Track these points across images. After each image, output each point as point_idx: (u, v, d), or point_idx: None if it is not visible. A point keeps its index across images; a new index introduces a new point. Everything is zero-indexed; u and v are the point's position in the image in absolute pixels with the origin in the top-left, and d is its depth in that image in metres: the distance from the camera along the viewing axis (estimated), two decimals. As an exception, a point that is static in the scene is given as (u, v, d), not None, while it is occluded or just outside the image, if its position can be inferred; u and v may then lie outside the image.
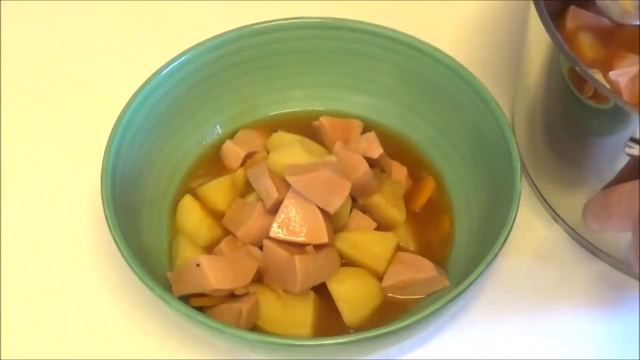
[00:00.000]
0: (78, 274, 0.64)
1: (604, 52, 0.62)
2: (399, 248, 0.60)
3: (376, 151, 0.60)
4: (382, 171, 0.62)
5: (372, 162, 0.60)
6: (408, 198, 0.63)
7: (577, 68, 0.53)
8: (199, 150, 0.66)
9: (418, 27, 0.67)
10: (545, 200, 0.66)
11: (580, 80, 0.53)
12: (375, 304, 0.58)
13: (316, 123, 0.65)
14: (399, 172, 0.63)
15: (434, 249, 0.61)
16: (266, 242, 0.57)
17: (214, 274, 0.54)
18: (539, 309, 0.62)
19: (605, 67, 0.60)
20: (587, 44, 0.63)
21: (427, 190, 0.63)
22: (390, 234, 0.60)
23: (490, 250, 0.54)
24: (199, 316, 0.52)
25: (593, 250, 0.64)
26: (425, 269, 0.58)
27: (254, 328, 0.57)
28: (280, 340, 0.52)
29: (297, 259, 0.55)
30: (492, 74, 0.69)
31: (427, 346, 0.61)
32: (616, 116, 0.52)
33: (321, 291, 0.57)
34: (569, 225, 0.64)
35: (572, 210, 0.63)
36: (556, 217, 0.65)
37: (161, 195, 0.63)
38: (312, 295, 0.57)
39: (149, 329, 0.61)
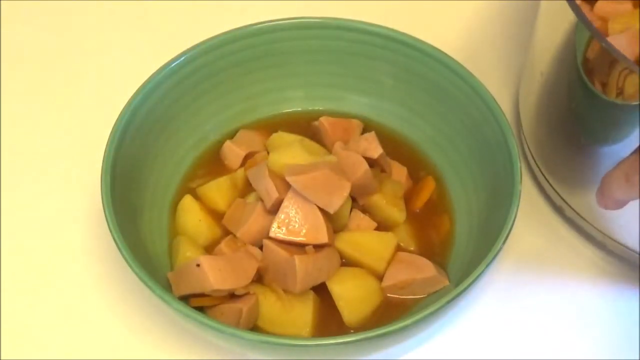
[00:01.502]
0: (78, 274, 0.64)
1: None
2: (399, 248, 0.60)
3: (376, 151, 0.60)
4: (382, 171, 0.62)
5: (372, 162, 0.60)
6: (408, 198, 0.63)
7: (602, 44, 0.51)
8: (199, 150, 0.66)
9: (418, 27, 0.67)
10: (554, 190, 0.65)
11: (595, 66, 0.53)
12: (375, 304, 0.58)
13: (316, 123, 0.65)
14: (399, 172, 0.63)
15: (434, 249, 0.61)
16: (266, 242, 0.57)
17: (214, 274, 0.54)
18: (539, 309, 0.62)
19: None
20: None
21: (427, 190, 0.63)
22: (390, 234, 0.60)
23: (491, 250, 0.54)
24: (199, 316, 0.52)
25: (598, 244, 0.64)
26: (425, 268, 0.58)
27: (254, 328, 0.57)
28: (280, 340, 0.52)
29: (297, 259, 0.55)
30: (493, 71, 0.69)
31: (427, 346, 0.61)
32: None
33: (321, 291, 0.57)
34: (577, 213, 0.63)
35: (583, 198, 0.62)
36: (563, 203, 0.64)
37: (161, 195, 0.63)
38: (312, 295, 0.57)
39: (149, 329, 0.61)
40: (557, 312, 0.62)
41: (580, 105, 0.58)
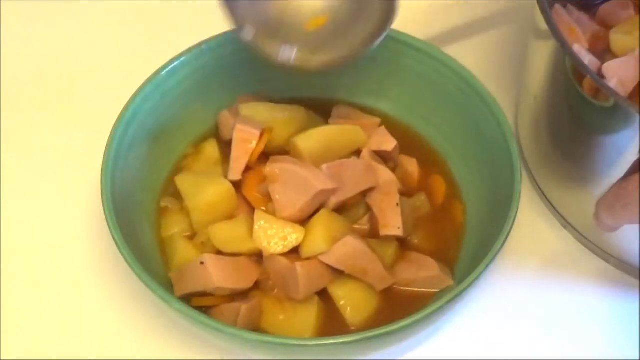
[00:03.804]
0: (78, 274, 0.64)
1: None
2: (410, 247, 0.60)
3: (391, 143, 0.60)
4: (394, 166, 0.62)
5: (386, 157, 0.60)
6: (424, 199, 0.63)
7: (587, 75, 0.52)
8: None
9: (418, 28, 0.67)
10: (552, 205, 0.65)
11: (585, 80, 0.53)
12: (377, 303, 0.58)
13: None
14: (409, 163, 0.63)
15: (447, 248, 0.61)
16: (267, 250, 0.57)
17: (217, 273, 0.54)
18: (539, 309, 0.62)
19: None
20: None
21: (440, 192, 0.63)
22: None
23: (491, 250, 0.54)
24: (200, 316, 0.52)
25: (599, 252, 0.64)
26: (428, 267, 0.58)
27: (257, 332, 0.57)
28: (280, 340, 0.52)
29: (299, 265, 0.55)
30: (495, 77, 0.69)
31: (427, 346, 0.61)
32: (623, 115, 0.52)
33: (323, 295, 0.57)
34: (575, 229, 0.64)
35: (579, 214, 0.63)
36: (565, 223, 0.65)
37: (161, 195, 0.63)
38: (316, 299, 0.57)
39: (149, 329, 0.61)
40: (557, 312, 0.62)
41: (569, 129, 0.58)
